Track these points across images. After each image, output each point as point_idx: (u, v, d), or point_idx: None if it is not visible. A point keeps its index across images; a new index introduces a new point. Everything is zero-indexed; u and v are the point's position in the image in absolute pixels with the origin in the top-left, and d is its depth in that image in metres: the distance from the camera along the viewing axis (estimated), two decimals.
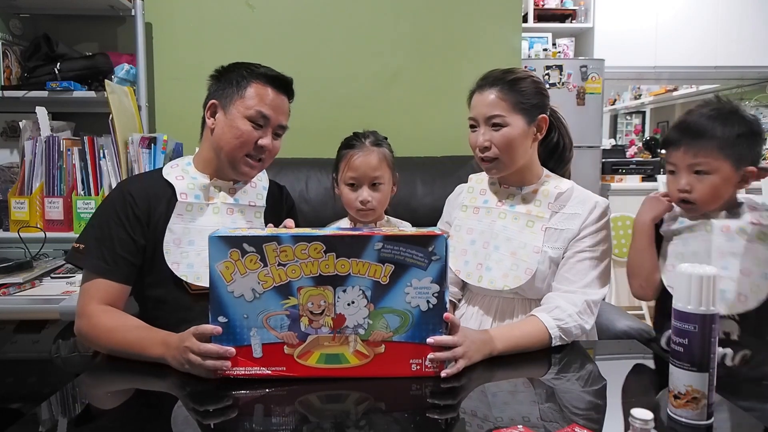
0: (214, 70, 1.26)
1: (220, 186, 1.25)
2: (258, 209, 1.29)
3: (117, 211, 1.16)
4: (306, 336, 0.92)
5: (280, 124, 1.24)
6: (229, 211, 1.24)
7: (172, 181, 1.21)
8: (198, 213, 1.20)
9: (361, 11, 2.09)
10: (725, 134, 1.12)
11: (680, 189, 1.17)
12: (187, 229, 1.18)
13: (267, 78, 1.21)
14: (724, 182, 1.14)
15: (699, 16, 4.21)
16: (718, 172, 1.13)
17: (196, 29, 2.06)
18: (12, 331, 1.84)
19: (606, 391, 0.94)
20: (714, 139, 1.12)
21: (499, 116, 1.21)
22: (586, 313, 1.14)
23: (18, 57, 1.96)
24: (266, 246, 0.89)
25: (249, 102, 1.19)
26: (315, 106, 2.10)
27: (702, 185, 1.14)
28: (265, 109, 1.19)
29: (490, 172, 1.27)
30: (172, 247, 1.16)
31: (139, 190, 1.19)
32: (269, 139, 1.22)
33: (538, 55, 3.94)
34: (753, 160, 1.14)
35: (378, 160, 1.37)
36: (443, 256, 0.92)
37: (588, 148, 3.56)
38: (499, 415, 0.82)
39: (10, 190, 1.82)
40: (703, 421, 0.78)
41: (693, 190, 1.15)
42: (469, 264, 1.28)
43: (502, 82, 1.23)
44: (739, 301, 1.11)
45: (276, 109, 1.21)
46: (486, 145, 1.22)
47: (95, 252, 1.13)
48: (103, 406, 0.94)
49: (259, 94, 1.19)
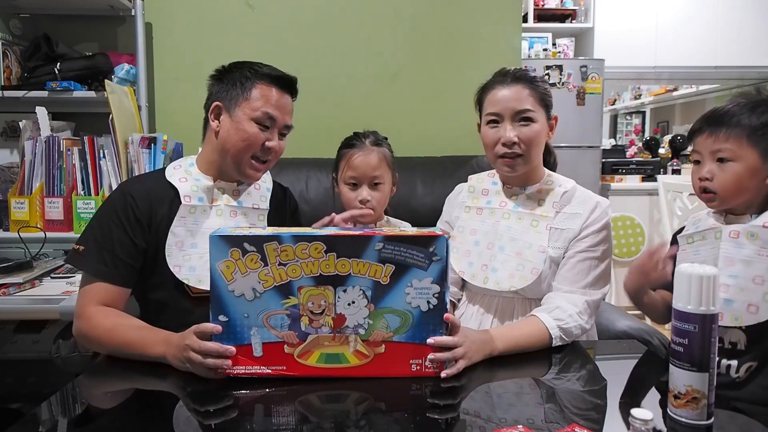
0: (215, 70, 1.25)
1: (224, 188, 1.24)
2: (261, 212, 1.28)
3: (118, 213, 1.15)
4: (306, 335, 0.92)
5: (285, 124, 1.23)
6: (232, 213, 1.23)
7: (175, 183, 1.19)
8: (201, 216, 1.19)
9: (361, 11, 2.09)
10: (752, 121, 1.04)
11: (701, 177, 1.09)
12: (189, 232, 1.17)
13: (271, 78, 1.20)
14: (749, 173, 1.05)
15: (699, 16, 4.21)
16: (742, 160, 1.05)
17: (196, 29, 2.06)
18: (12, 331, 1.84)
19: (606, 391, 0.94)
20: (739, 126, 1.05)
21: (530, 111, 1.20)
22: (586, 314, 1.14)
23: (18, 57, 1.96)
24: (267, 245, 0.89)
25: (255, 103, 1.17)
26: (315, 106, 2.09)
27: (724, 174, 1.06)
28: (271, 110, 1.18)
29: (512, 169, 1.23)
30: (174, 250, 1.15)
31: (140, 192, 1.18)
32: (276, 141, 1.21)
33: (538, 55, 3.94)
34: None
35: (378, 160, 1.37)
36: (444, 257, 0.92)
37: (588, 148, 3.56)
38: (500, 415, 0.82)
39: (10, 190, 1.82)
40: (703, 421, 0.78)
41: (714, 178, 1.07)
42: (473, 265, 1.28)
43: (524, 78, 1.22)
44: (749, 311, 1.02)
45: (282, 109, 1.20)
46: (515, 140, 1.20)
47: (95, 255, 1.12)
48: (102, 406, 0.94)
49: (265, 95, 1.18)
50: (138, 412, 0.90)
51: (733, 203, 1.09)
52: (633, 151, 4.81)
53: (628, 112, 6.73)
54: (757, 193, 1.07)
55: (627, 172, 3.86)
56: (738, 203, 1.09)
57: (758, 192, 1.07)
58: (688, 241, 1.14)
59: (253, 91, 1.18)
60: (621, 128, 6.88)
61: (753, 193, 1.07)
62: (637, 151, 4.76)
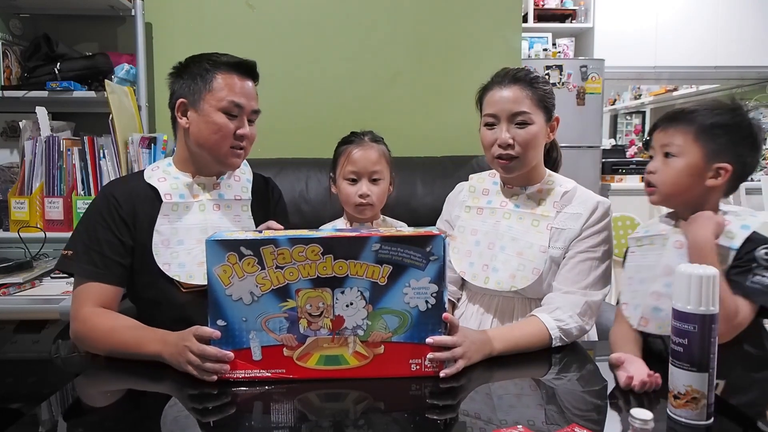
0: (172, 67, 1.24)
1: (204, 183, 1.24)
2: (244, 202, 1.28)
3: (102, 215, 1.16)
4: (305, 338, 0.92)
5: (253, 109, 1.22)
6: (215, 207, 1.23)
7: (154, 183, 1.20)
8: (184, 212, 1.20)
9: (361, 11, 2.09)
10: (704, 120, 1.03)
11: (648, 170, 1.08)
12: (174, 229, 1.18)
13: (231, 66, 1.19)
14: (690, 170, 1.03)
15: (699, 16, 4.21)
16: (686, 157, 1.03)
17: (196, 29, 2.06)
18: (12, 331, 1.84)
19: (606, 392, 0.94)
20: (691, 123, 1.03)
21: (526, 113, 1.19)
22: (586, 315, 1.14)
23: (18, 57, 1.96)
24: (263, 249, 0.89)
25: (219, 94, 1.17)
26: (315, 106, 2.10)
27: (666, 168, 1.05)
28: (236, 98, 1.18)
29: (508, 171, 1.23)
30: (161, 249, 1.16)
31: (122, 193, 1.19)
32: (247, 127, 1.20)
33: (538, 55, 3.94)
34: (734, 161, 1.02)
35: (378, 155, 1.39)
36: (441, 256, 0.92)
37: (588, 148, 3.56)
38: (500, 415, 0.82)
39: (10, 190, 1.82)
40: (702, 422, 0.78)
41: (657, 172, 1.06)
42: (474, 265, 1.27)
43: (523, 79, 1.21)
44: None
45: (246, 95, 1.20)
46: (510, 142, 1.19)
47: (84, 257, 1.14)
48: (101, 407, 0.94)
49: (228, 84, 1.18)
50: (136, 413, 0.90)
51: (674, 201, 1.08)
52: (633, 151, 4.81)
53: (628, 112, 6.72)
54: (697, 195, 1.04)
55: (627, 172, 3.86)
56: (678, 202, 1.07)
57: (698, 193, 1.04)
58: (638, 244, 1.12)
59: (214, 82, 1.18)
60: (621, 128, 6.87)
61: (693, 194, 1.04)
62: (637, 151, 4.76)
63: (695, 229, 1.00)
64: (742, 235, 0.99)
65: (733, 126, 1.03)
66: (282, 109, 2.08)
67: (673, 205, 1.10)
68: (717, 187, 1.03)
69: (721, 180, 1.02)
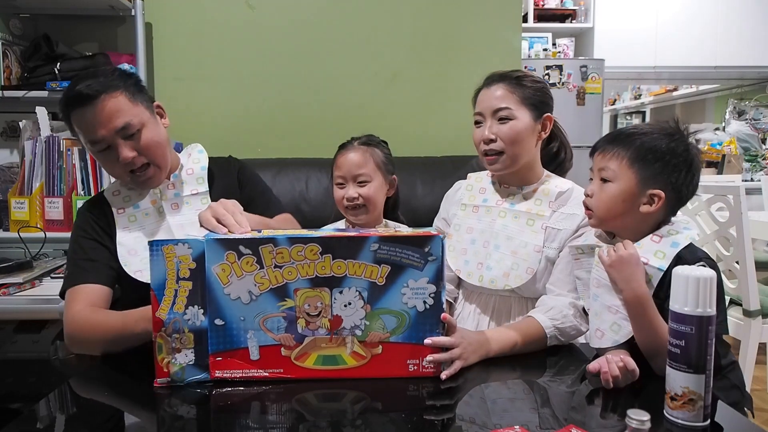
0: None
1: (159, 187, 1.24)
2: (202, 195, 1.27)
3: (84, 229, 1.21)
4: (303, 338, 0.92)
5: (116, 129, 1.12)
6: (174, 206, 1.24)
7: (108, 198, 1.23)
8: (144, 219, 1.22)
9: (361, 11, 2.09)
10: (641, 145, 1.02)
11: (585, 193, 1.09)
12: (139, 237, 1.20)
13: (70, 104, 1.13)
14: (623, 195, 1.02)
15: (699, 16, 4.21)
16: (619, 182, 1.02)
17: (196, 29, 2.06)
18: (12, 331, 1.84)
19: (603, 392, 0.94)
20: (627, 148, 1.03)
21: (507, 109, 1.22)
22: (581, 316, 1.14)
23: (18, 57, 1.96)
24: (262, 248, 0.90)
25: (81, 137, 1.15)
26: (315, 106, 2.10)
27: (602, 193, 1.04)
28: (90, 135, 1.12)
29: (494, 167, 1.26)
30: (129, 258, 1.18)
31: (95, 208, 1.24)
32: (126, 150, 1.13)
33: (538, 55, 3.95)
34: (668, 188, 1.01)
35: (362, 158, 1.38)
36: (439, 257, 0.92)
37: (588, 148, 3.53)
38: (497, 415, 0.82)
39: (10, 190, 1.82)
40: (699, 423, 0.78)
41: (593, 196, 1.06)
42: (469, 263, 1.28)
43: (509, 78, 1.25)
44: (596, 335, 1.03)
45: (99, 123, 1.11)
46: (491, 138, 1.22)
47: (74, 268, 1.17)
48: (95, 407, 0.93)
49: (79, 124, 1.14)
50: (133, 413, 0.90)
51: (610, 225, 1.07)
52: None
53: (628, 112, 6.72)
54: (632, 220, 1.04)
55: None
56: (615, 225, 1.07)
57: (632, 218, 1.04)
58: (578, 251, 1.13)
59: (75, 127, 1.15)
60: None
61: (628, 219, 1.04)
62: None
63: (627, 281, 0.98)
64: (671, 254, 0.99)
65: (668, 152, 1.01)
66: (282, 109, 2.08)
67: (611, 228, 1.09)
68: (652, 213, 1.02)
69: (654, 207, 1.02)
